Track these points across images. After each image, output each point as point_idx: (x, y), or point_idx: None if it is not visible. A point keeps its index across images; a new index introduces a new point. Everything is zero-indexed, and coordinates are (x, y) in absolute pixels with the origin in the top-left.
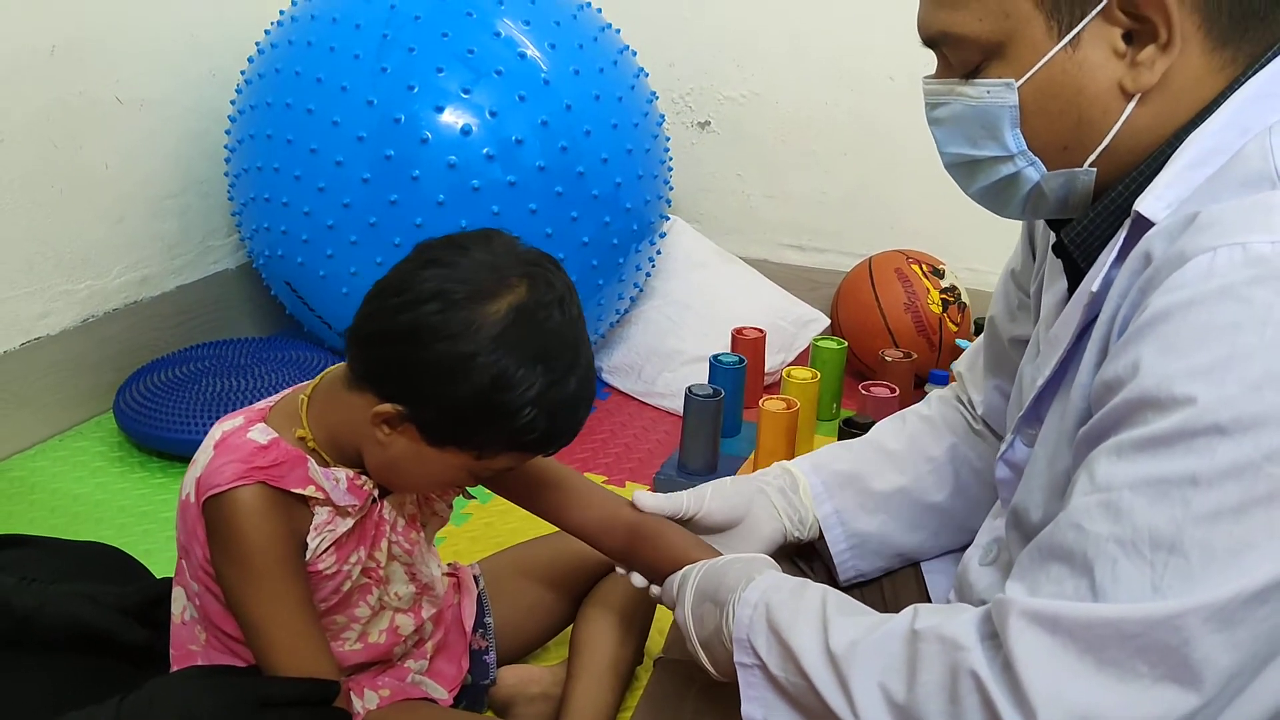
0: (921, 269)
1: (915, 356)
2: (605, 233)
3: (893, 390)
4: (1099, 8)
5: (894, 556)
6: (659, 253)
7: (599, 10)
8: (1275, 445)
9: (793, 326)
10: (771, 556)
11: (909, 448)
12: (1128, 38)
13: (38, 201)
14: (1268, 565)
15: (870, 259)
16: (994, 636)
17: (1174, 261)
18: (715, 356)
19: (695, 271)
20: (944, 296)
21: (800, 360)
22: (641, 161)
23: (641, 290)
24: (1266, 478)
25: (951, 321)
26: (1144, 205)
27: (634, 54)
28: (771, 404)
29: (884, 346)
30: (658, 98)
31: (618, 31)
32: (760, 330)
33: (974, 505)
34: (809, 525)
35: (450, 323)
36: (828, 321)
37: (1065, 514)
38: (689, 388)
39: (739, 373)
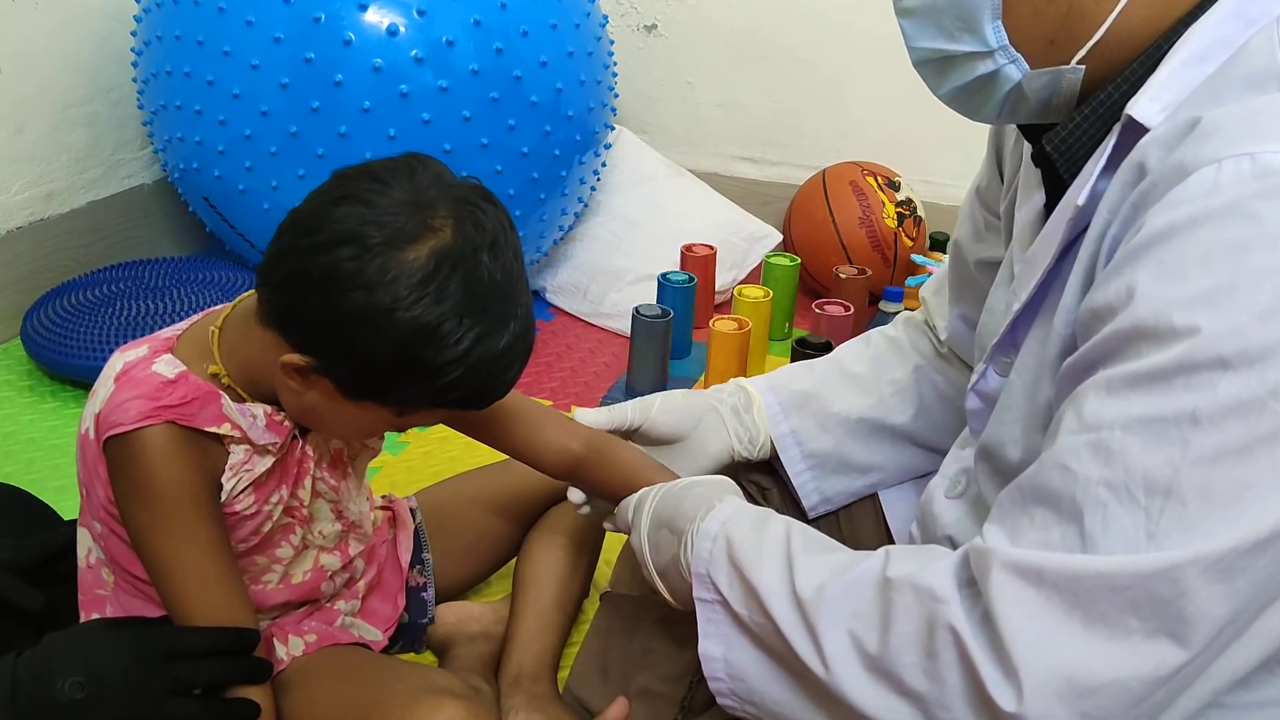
0: (877, 181)
1: (870, 273)
2: (546, 143)
3: (847, 308)
4: None
5: (854, 475)
6: (604, 165)
7: None
8: None
9: (744, 243)
10: (728, 478)
11: (872, 369)
12: None
13: None
14: (1272, 511)
15: (824, 171)
16: (972, 584)
17: (1173, 174)
18: (664, 275)
19: (642, 185)
20: (899, 210)
21: (752, 278)
22: (584, 65)
23: (586, 205)
24: (1272, 415)
25: (907, 236)
26: (1137, 109)
27: None
28: (722, 324)
29: (838, 263)
30: None
31: None
32: (711, 247)
33: (937, 429)
34: (760, 445)
35: (365, 271)
36: (780, 237)
37: (1050, 453)
38: (636, 308)
39: (688, 291)
